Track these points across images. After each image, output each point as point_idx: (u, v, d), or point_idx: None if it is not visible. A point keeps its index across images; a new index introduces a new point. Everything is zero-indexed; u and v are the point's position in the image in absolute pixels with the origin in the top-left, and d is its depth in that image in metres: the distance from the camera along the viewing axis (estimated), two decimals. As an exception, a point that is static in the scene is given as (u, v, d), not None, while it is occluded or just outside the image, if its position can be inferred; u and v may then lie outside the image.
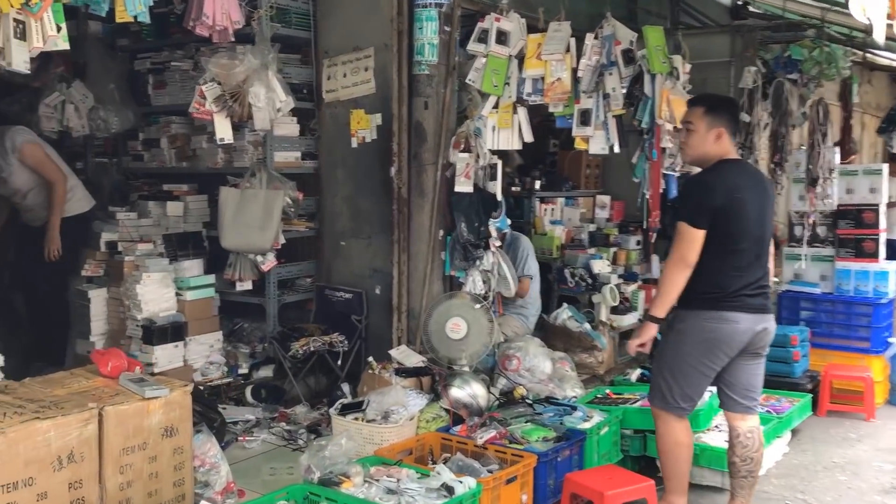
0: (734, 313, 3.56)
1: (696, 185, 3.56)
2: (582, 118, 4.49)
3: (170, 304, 4.97)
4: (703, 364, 3.59)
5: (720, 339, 3.54)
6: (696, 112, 3.62)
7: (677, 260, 3.46)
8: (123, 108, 5.83)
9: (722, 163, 3.58)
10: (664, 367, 3.66)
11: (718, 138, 3.58)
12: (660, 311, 3.53)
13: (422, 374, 4.71)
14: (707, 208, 3.46)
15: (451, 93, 4.95)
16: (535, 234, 6.92)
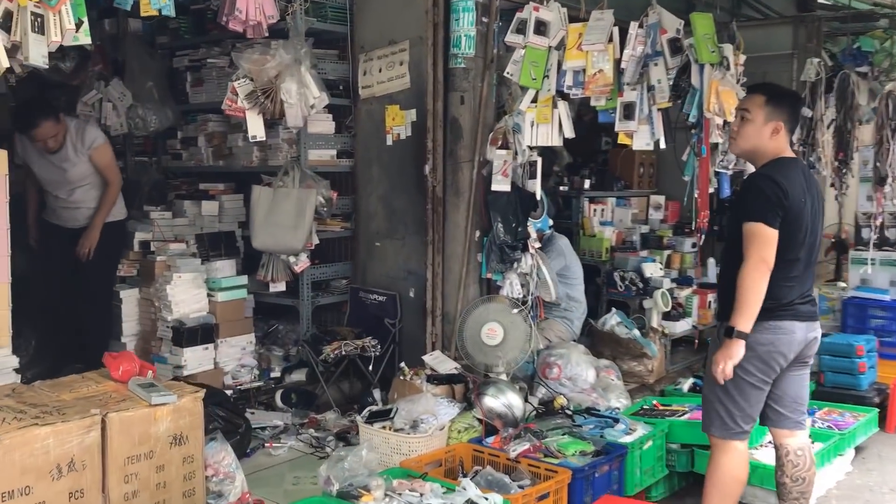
0: (789, 322, 3.27)
1: (767, 182, 3.19)
2: (625, 112, 4.21)
3: (201, 306, 4.88)
4: (761, 379, 3.30)
5: (778, 349, 3.25)
6: (756, 100, 3.31)
7: (758, 262, 3.12)
8: (162, 106, 5.76)
9: (782, 162, 3.27)
10: (719, 390, 3.34)
11: (775, 133, 3.28)
12: (746, 322, 3.16)
13: (455, 381, 4.50)
14: (780, 208, 3.14)
15: (488, 87, 4.74)
16: (584, 236, 6.66)
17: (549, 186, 7.00)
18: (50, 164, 4.91)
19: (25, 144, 4.91)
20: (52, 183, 5.00)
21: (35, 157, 4.93)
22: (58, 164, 4.89)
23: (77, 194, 5.01)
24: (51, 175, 4.96)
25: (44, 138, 4.74)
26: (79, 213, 5.06)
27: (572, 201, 6.84)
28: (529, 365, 5.02)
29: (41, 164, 4.94)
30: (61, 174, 4.93)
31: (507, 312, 4.68)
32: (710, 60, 4.03)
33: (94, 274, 5.02)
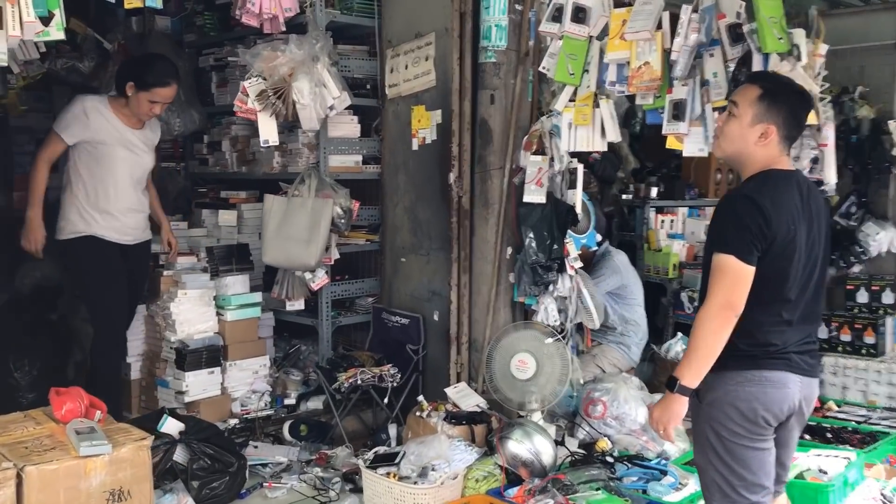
0: (781, 373, 2.56)
1: (745, 205, 2.51)
2: (675, 111, 3.56)
3: (208, 325, 4.48)
4: (757, 439, 2.61)
5: (766, 406, 2.55)
6: (748, 93, 2.59)
7: (721, 305, 2.45)
8: (188, 108, 5.40)
9: (771, 177, 2.55)
10: (711, 456, 2.66)
11: (764, 138, 2.54)
12: (693, 377, 2.50)
13: (475, 421, 3.94)
14: (759, 239, 2.49)
15: (522, 84, 4.16)
16: (648, 251, 5.97)
17: (611, 195, 6.38)
18: (128, 149, 4.08)
19: (102, 123, 4.01)
20: (122, 178, 4.07)
21: (104, 133, 4.01)
22: (135, 147, 4.11)
23: (140, 194, 4.22)
24: (124, 165, 4.07)
25: (165, 101, 4.10)
26: (139, 220, 4.24)
27: (637, 211, 6.15)
28: (571, 399, 4.42)
29: (116, 151, 4.05)
30: (136, 162, 4.12)
31: (539, 342, 4.09)
32: (777, 49, 3.33)
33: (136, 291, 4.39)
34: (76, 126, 3.98)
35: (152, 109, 4.07)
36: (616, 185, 6.40)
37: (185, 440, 3.61)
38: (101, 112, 4.03)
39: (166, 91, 4.06)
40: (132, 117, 4.10)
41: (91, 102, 4.04)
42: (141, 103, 4.02)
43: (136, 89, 4.00)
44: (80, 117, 3.97)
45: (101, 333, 4.23)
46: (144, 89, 4.00)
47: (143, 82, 4.00)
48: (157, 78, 4.01)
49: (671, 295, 5.76)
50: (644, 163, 6.83)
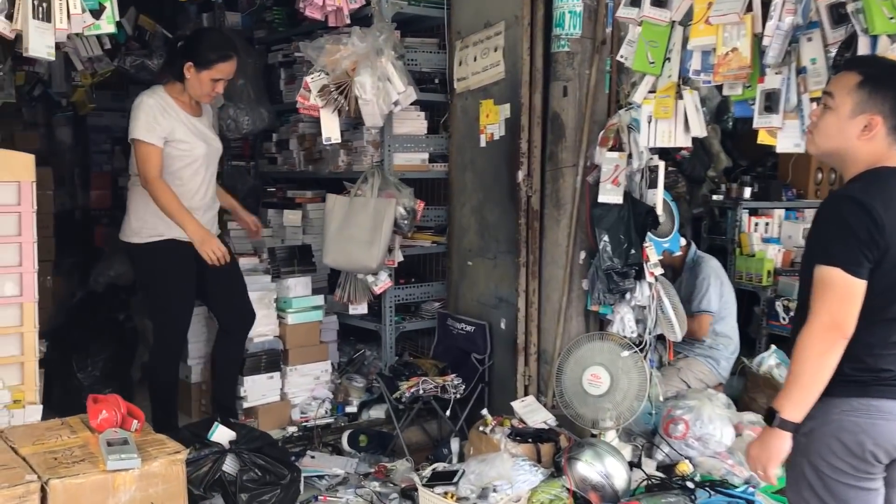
0: (892, 402, 2.18)
1: (852, 208, 2.13)
2: (767, 103, 3.18)
3: (268, 329, 4.34)
4: (862, 478, 2.22)
5: (874, 439, 2.16)
6: (845, 81, 2.20)
7: (827, 326, 2.09)
8: (256, 106, 5.30)
9: (881, 176, 2.17)
10: (806, 493, 2.26)
11: (867, 131, 2.14)
12: (796, 409, 2.14)
13: (541, 438, 3.65)
14: (867, 246, 2.11)
15: (598, 74, 3.85)
16: (740, 256, 5.54)
17: (700, 196, 5.97)
18: (201, 139, 3.77)
19: (170, 117, 3.67)
20: (200, 171, 3.77)
21: (179, 129, 3.69)
22: (206, 135, 3.80)
23: (213, 187, 3.90)
24: (202, 157, 3.76)
25: (228, 76, 3.72)
26: (214, 216, 3.96)
27: (728, 213, 5.72)
28: (650, 416, 4.08)
29: (194, 144, 3.72)
30: (211, 151, 3.81)
31: (615, 355, 3.77)
32: (887, 31, 2.90)
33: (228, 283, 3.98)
34: (157, 127, 3.63)
35: (215, 88, 3.71)
36: (706, 185, 5.98)
37: (236, 450, 3.46)
38: (167, 106, 3.70)
39: (228, 65, 3.70)
40: (190, 103, 3.76)
41: (153, 98, 3.69)
42: (203, 83, 3.67)
43: (195, 69, 3.64)
44: (155, 115, 3.63)
45: (162, 337, 3.98)
46: (206, 67, 3.64)
47: (202, 59, 3.63)
48: (217, 52, 3.66)
49: (765, 304, 5.33)
50: (737, 161, 6.37)
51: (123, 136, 7.01)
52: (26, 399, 3.47)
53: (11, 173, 3.44)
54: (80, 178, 6.73)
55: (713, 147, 6.01)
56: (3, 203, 3.43)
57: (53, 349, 4.57)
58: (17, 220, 3.47)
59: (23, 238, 3.49)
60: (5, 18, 3.01)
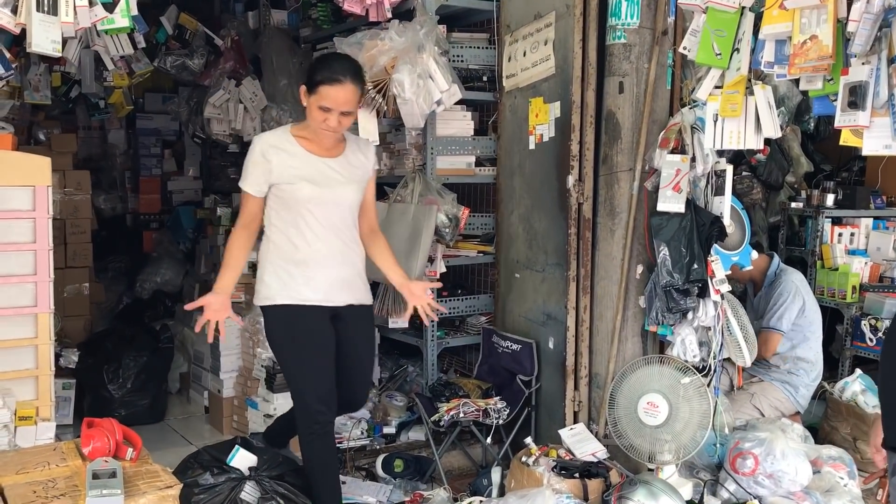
0: None
1: None
2: (851, 97, 2.75)
3: (301, 343, 4.06)
4: None
5: None
6: None
7: None
8: (301, 106, 5.05)
9: None
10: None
11: None
12: None
13: (590, 473, 3.28)
14: None
15: (658, 68, 3.46)
16: (822, 269, 5.05)
17: (777, 203, 5.50)
18: (314, 183, 3.06)
19: (283, 159, 3.04)
20: (313, 221, 3.08)
21: (285, 170, 3.04)
22: (327, 179, 3.08)
23: (347, 242, 3.15)
24: (312, 204, 3.06)
25: (340, 107, 2.94)
26: (347, 276, 3.16)
27: (808, 222, 5.23)
28: (714, 448, 3.66)
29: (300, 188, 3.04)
30: (329, 198, 3.08)
31: (675, 381, 3.38)
32: None
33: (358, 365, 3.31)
34: (257, 172, 3.03)
35: (326, 120, 2.95)
36: (784, 192, 5.50)
37: (256, 476, 3.20)
38: (282, 146, 3.06)
39: (335, 91, 2.92)
40: (321, 141, 3.07)
41: (269, 139, 3.08)
42: (312, 112, 2.99)
43: (306, 94, 3.00)
44: (260, 161, 3.02)
45: (298, 417, 3.21)
46: (312, 91, 2.97)
47: (309, 81, 2.99)
48: (323, 73, 2.95)
49: (849, 323, 4.82)
50: (819, 166, 5.87)
51: (173, 139, 7.02)
52: (40, 415, 3.30)
53: (25, 177, 3.27)
54: (130, 181, 6.65)
55: (792, 150, 5.52)
56: (16, 208, 3.27)
57: (86, 359, 4.44)
58: (31, 226, 3.30)
59: (38, 245, 3.32)
60: (10, 12, 2.83)
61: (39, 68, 4.25)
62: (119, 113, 5.06)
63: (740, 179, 5.30)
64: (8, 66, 3.08)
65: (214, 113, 5.04)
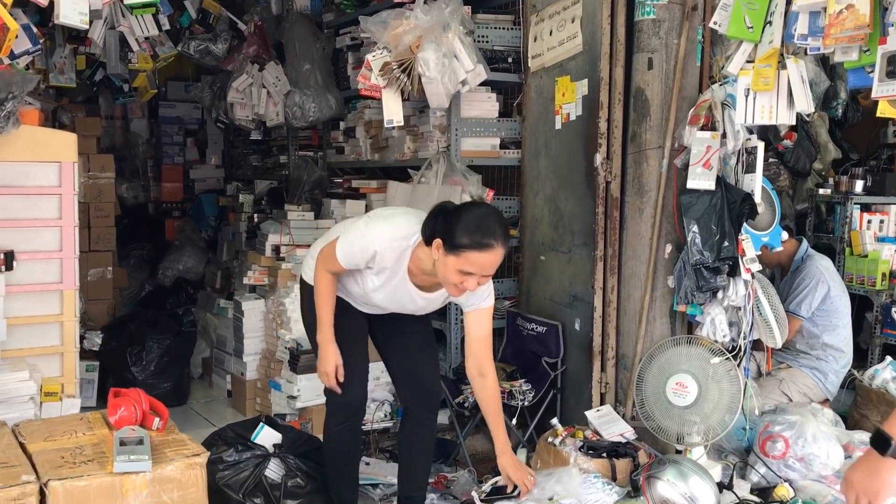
0: None
1: None
2: (889, 67, 2.70)
3: (325, 325, 4.04)
4: None
5: None
6: None
7: None
8: (324, 92, 5.05)
9: None
10: None
11: None
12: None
13: (617, 453, 3.24)
14: None
15: (688, 44, 3.41)
16: (850, 256, 4.97)
17: (805, 190, 5.42)
18: (391, 304, 2.93)
19: (385, 273, 2.80)
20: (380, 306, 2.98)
21: (388, 285, 2.84)
22: (402, 305, 2.94)
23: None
24: (386, 306, 2.95)
25: (484, 272, 2.64)
26: None
27: (836, 209, 5.15)
28: (743, 432, 3.61)
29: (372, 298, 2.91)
30: (405, 307, 2.96)
31: (704, 361, 3.33)
32: None
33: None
34: (358, 259, 2.77)
35: (464, 283, 2.62)
36: (811, 179, 5.42)
37: (281, 454, 3.19)
38: (393, 268, 2.77)
39: (485, 257, 2.58)
40: (428, 280, 2.79)
41: (388, 254, 2.74)
42: (448, 270, 2.61)
43: (444, 249, 2.61)
44: (367, 258, 2.76)
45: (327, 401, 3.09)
46: (453, 251, 2.59)
47: (451, 240, 2.59)
48: (471, 237, 2.57)
49: (878, 310, 4.74)
50: (848, 153, 5.78)
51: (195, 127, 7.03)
52: (65, 392, 3.30)
53: (52, 153, 3.27)
54: (153, 170, 6.67)
55: (820, 137, 5.44)
56: (42, 184, 3.27)
57: (110, 341, 4.44)
58: (57, 202, 3.31)
59: (63, 222, 3.33)
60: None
61: (65, 51, 4.26)
62: (143, 97, 5.06)
63: (767, 166, 5.19)
64: (35, 41, 3.08)
65: (237, 98, 5.04)
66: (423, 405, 3.12)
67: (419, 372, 3.09)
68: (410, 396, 3.13)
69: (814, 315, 4.11)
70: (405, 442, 3.19)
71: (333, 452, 3.09)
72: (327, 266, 2.84)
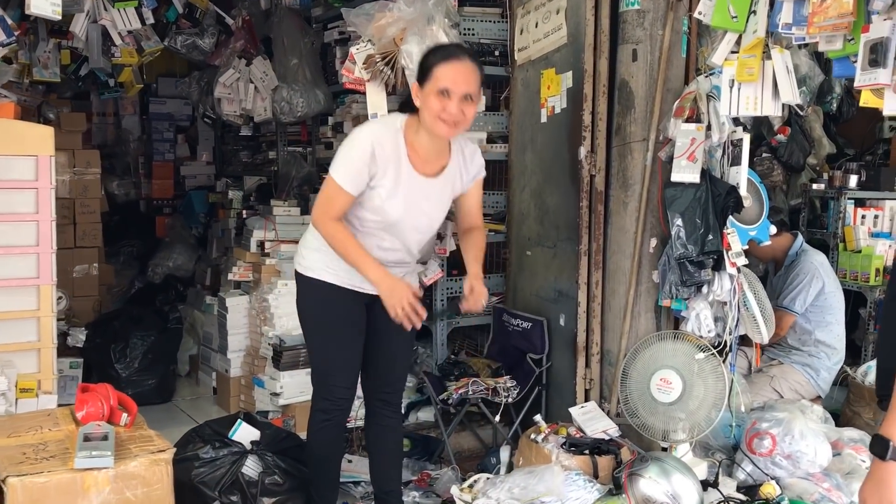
0: None
1: None
2: (872, 55, 2.64)
3: (309, 321, 4.00)
4: None
5: None
6: None
7: None
8: (312, 87, 5.01)
9: None
10: None
11: None
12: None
13: (600, 450, 3.19)
14: None
15: (673, 35, 3.36)
16: (844, 251, 4.91)
17: (799, 185, 5.36)
18: (405, 205, 2.74)
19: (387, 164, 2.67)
20: (389, 241, 2.81)
21: (385, 185, 2.69)
22: (419, 204, 2.77)
23: (414, 249, 2.91)
24: (396, 228, 2.78)
25: (460, 88, 2.58)
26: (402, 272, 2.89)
27: (830, 204, 5.09)
28: (731, 428, 3.56)
29: (390, 206, 2.72)
30: (413, 225, 2.80)
31: (688, 357, 3.28)
32: None
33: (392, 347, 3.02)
34: (363, 170, 2.65)
35: (445, 108, 2.58)
36: (805, 174, 5.36)
37: (258, 451, 3.14)
38: (395, 151, 2.68)
39: (455, 68, 2.59)
40: (427, 155, 2.73)
41: (383, 138, 2.68)
42: (428, 103, 2.60)
43: (419, 87, 2.65)
44: (368, 159, 2.64)
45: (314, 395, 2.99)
46: (425, 78, 2.62)
47: (422, 70, 2.65)
48: (438, 54, 2.65)
49: (872, 306, 4.68)
50: (843, 149, 5.72)
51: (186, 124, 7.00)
52: (42, 388, 3.26)
53: (28, 146, 3.23)
54: (144, 167, 6.63)
55: (814, 131, 5.38)
56: (18, 178, 3.23)
57: (94, 338, 4.41)
58: (34, 196, 3.26)
59: (40, 216, 3.28)
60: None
61: (48, 45, 4.22)
62: (129, 92, 5.02)
63: (760, 161, 5.16)
64: (10, 33, 3.04)
65: (224, 93, 5.00)
66: (384, 401, 3.07)
67: (389, 370, 3.03)
68: (373, 391, 3.07)
69: (807, 311, 4.06)
70: (373, 438, 3.13)
71: (316, 449, 3.01)
72: (330, 211, 2.68)
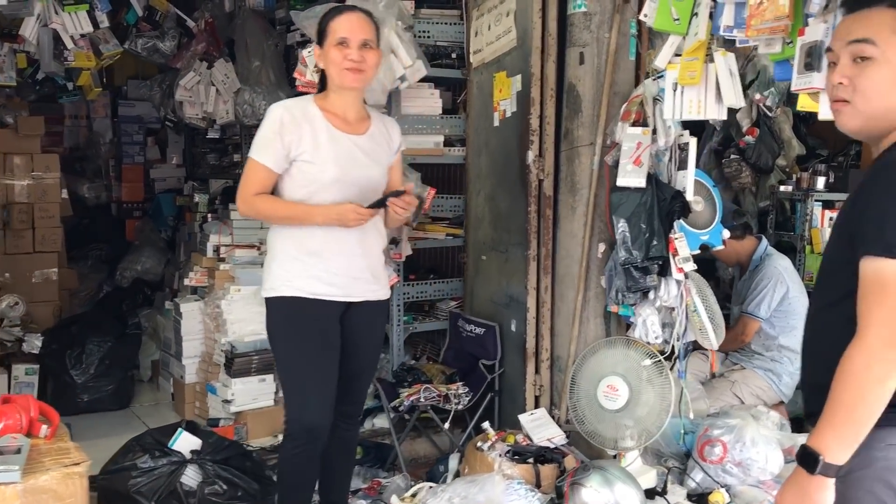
0: None
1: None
2: (807, 59, 2.59)
3: (261, 327, 3.92)
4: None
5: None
6: (881, 19, 1.68)
7: (888, 343, 1.56)
8: (276, 89, 4.97)
9: None
10: None
11: None
12: (844, 448, 1.61)
13: (544, 459, 3.15)
14: None
15: (620, 38, 3.32)
16: (811, 254, 4.86)
17: (767, 187, 5.31)
18: (339, 164, 2.66)
19: (302, 131, 2.62)
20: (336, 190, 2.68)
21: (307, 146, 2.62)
22: (353, 161, 2.69)
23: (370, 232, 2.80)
24: (334, 188, 2.65)
25: (356, 36, 2.61)
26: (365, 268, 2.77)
27: (797, 206, 5.05)
28: (682, 435, 3.52)
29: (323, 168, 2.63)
30: (352, 180, 2.68)
31: (635, 363, 3.23)
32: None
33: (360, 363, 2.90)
34: (277, 144, 2.60)
35: (347, 56, 2.60)
36: (774, 176, 5.31)
37: (199, 460, 3.10)
38: (307, 117, 2.66)
39: (346, 18, 2.64)
40: (344, 114, 2.71)
41: (292, 107, 2.68)
42: (330, 57, 2.63)
43: (319, 48, 2.71)
44: (281, 131, 2.60)
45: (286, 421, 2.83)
46: (323, 37, 2.67)
47: (320, 33, 2.70)
48: (328, 14, 2.70)
49: (838, 310, 4.62)
50: (815, 150, 5.67)
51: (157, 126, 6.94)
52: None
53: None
54: (115, 170, 6.59)
55: (783, 132, 5.33)
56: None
57: (51, 344, 4.37)
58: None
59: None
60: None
61: (2, 48, 4.19)
62: (88, 95, 4.97)
63: (728, 163, 5.12)
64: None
65: (186, 96, 4.96)
66: (344, 413, 2.92)
67: (354, 382, 2.90)
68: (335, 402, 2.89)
69: (771, 316, 4.02)
70: (326, 448, 3.06)
71: (286, 477, 2.85)
72: (251, 189, 2.63)
